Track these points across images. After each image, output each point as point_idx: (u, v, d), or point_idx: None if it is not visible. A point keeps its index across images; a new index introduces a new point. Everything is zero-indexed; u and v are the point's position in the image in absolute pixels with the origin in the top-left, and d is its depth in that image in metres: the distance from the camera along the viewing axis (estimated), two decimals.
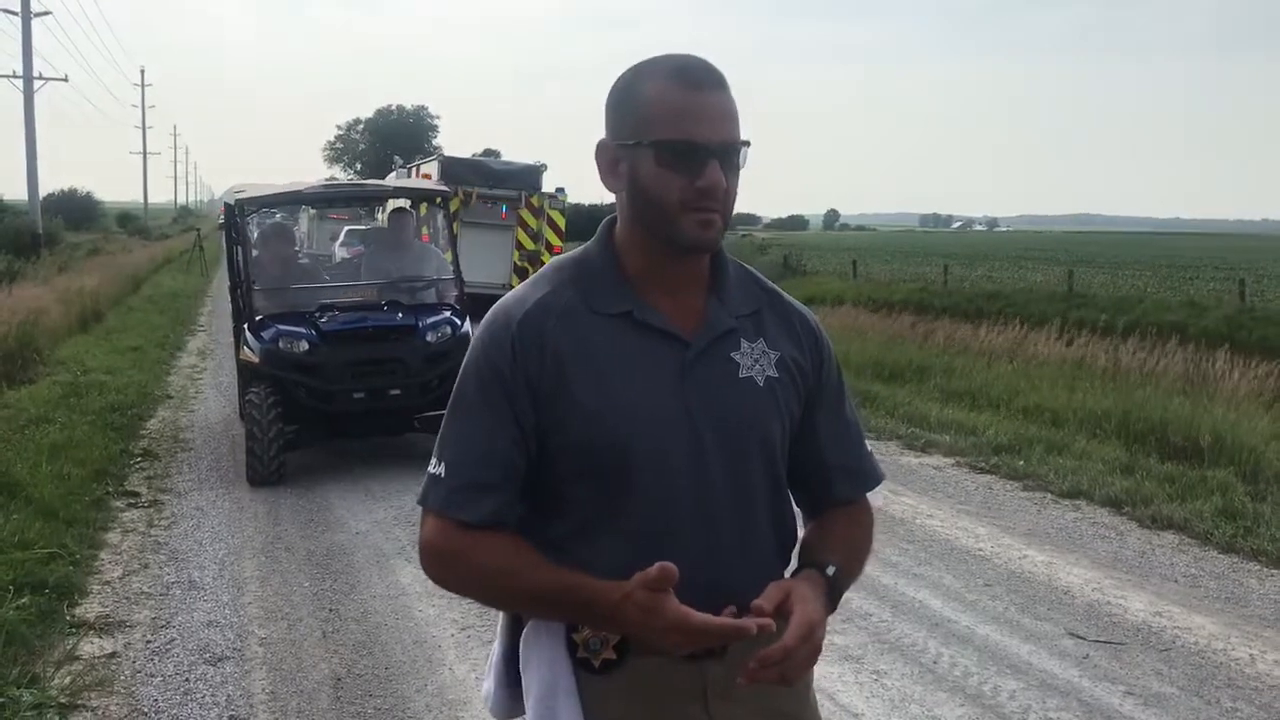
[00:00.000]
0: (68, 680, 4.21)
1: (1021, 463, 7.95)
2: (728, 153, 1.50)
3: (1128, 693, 4.13)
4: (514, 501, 1.56)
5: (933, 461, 8.31)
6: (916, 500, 7.05)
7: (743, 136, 1.53)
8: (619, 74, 1.57)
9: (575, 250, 1.66)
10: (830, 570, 1.58)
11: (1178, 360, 12.09)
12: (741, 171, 1.55)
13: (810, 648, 1.46)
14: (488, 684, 1.72)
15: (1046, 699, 4.07)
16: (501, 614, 1.70)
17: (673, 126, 1.48)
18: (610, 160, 1.57)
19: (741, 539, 1.59)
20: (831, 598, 1.57)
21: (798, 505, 1.73)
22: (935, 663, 4.42)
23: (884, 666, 4.37)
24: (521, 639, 1.61)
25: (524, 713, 1.63)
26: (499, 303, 1.62)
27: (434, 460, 1.57)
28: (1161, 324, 15.24)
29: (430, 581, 1.58)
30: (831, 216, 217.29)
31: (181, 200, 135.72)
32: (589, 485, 1.55)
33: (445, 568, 1.57)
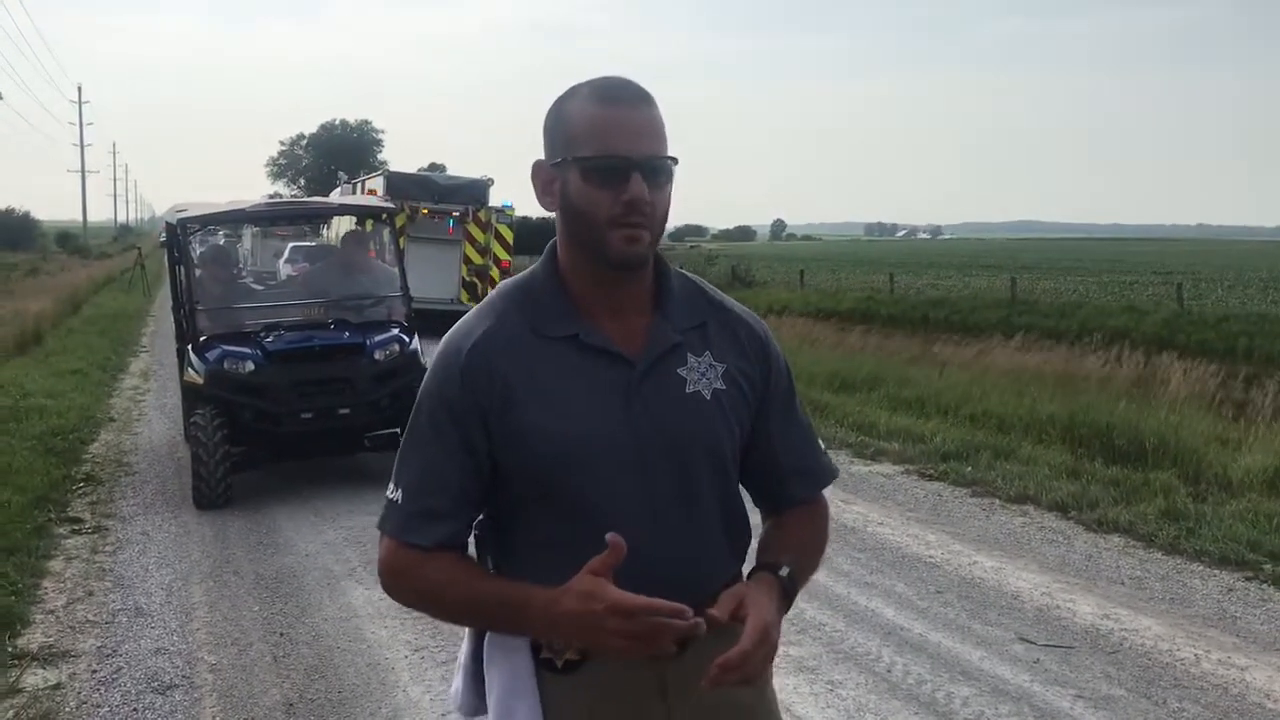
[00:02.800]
0: (10, 715, 4.11)
1: (970, 469, 8.04)
2: (652, 167, 1.53)
3: (1078, 696, 4.19)
4: (464, 525, 1.63)
5: (882, 469, 8.37)
6: (867, 508, 7.10)
7: (670, 153, 1.56)
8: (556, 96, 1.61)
9: (522, 274, 1.68)
10: (783, 571, 1.62)
11: (1121, 365, 12.30)
12: (670, 188, 1.58)
13: (766, 649, 1.51)
14: (456, 682, 1.76)
15: (999, 704, 4.11)
16: None
17: (595, 142, 1.51)
18: (545, 181, 1.61)
19: (697, 550, 1.62)
20: (786, 597, 1.61)
21: (756, 506, 1.78)
22: (889, 671, 4.45)
23: (839, 676, 4.39)
24: (486, 638, 1.66)
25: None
26: (450, 334, 1.65)
27: (391, 485, 1.64)
28: (1104, 329, 15.51)
29: (383, 603, 1.62)
30: (778, 226, 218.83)
31: (121, 219, 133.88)
32: (542, 505, 1.60)
33: (396, 587, 1.64)
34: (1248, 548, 5.93)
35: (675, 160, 1.57)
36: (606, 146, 1.51)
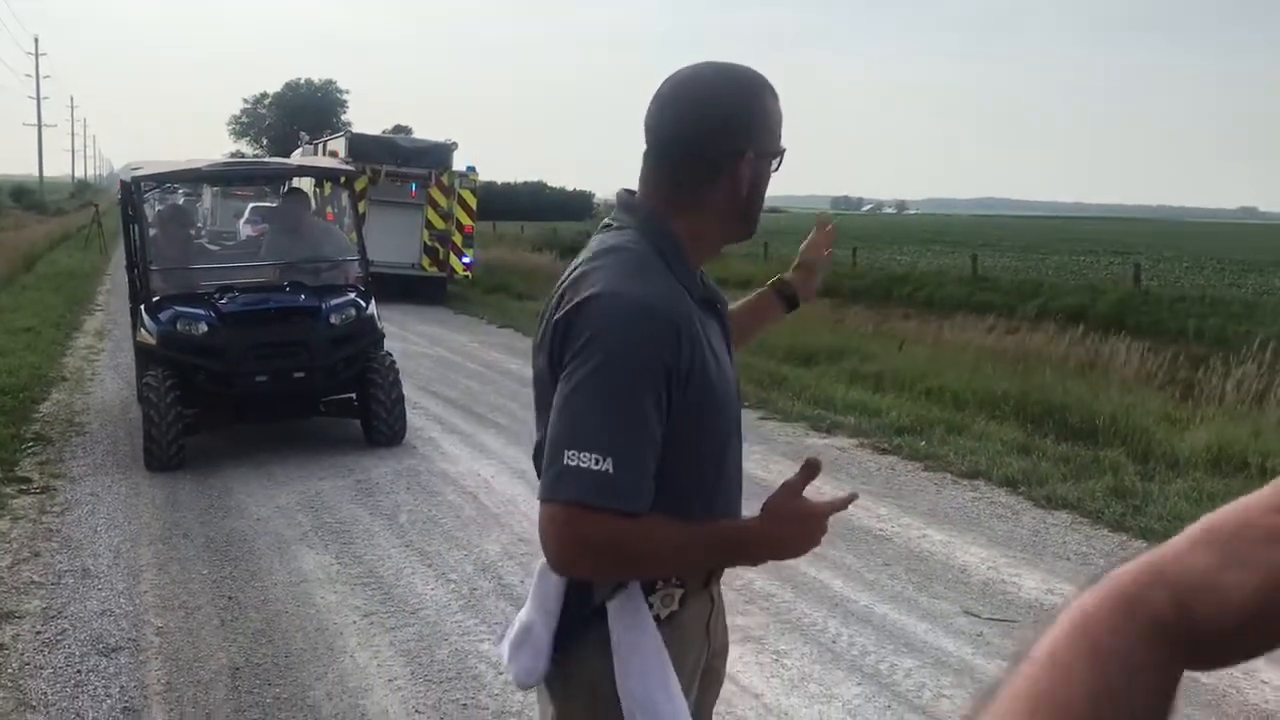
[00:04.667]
0: None
1: (923, 444, 8.11)
2: None
3: None
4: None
5: (837, 443, 8.43)
6: (820, 481, 7.04)
7: None
8: (731, 84, 1.72)
9: (630, 240, 1.70)
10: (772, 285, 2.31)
11: (1081, 343, 12.45)
12: None
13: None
14: (527, 656, 1.73)
15: (941, 677, 4.17)
16: (554, 593, 1.71)
17: (780, 137, 1.76)
18: (741, 167, 1.71)
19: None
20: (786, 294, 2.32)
21: None
22: (834, 642, 4.50)
23: (784, 647, 4.43)
24: (611, 607, 1.67)
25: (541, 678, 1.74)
26: (641, 296, 1.60)
27: (586, 453, 1.53)
28: (1062, 308, 15.66)
29: (334, 567, 1.60)
30: None
31: (79, 174, 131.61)
32: (685, 453, 1.65)
33: (619, 561, 1.62)
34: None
35: None
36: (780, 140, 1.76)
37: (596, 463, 1.52)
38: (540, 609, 1.72)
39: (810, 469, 1.67)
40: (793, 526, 1.67)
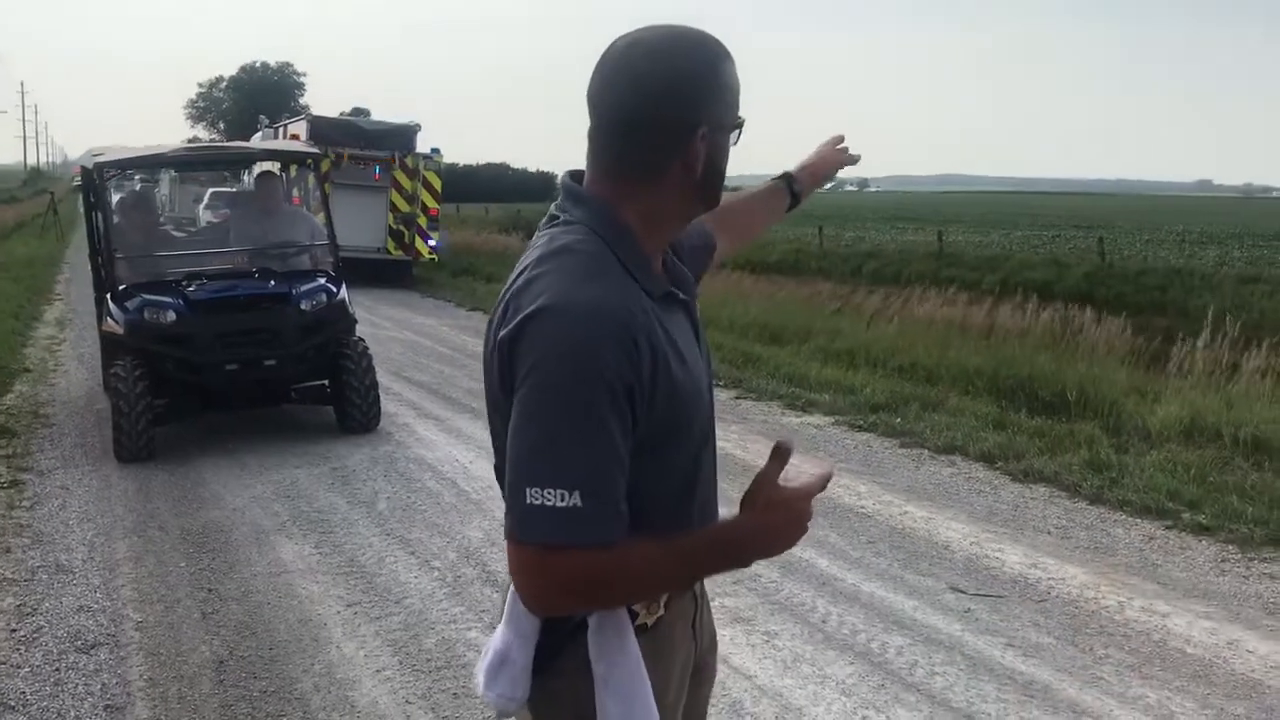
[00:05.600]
0: None
1: (899, 420, 8.13)
2: None
3: (1008, 644, 4.27)
4: None
5: (814, 421, 8.44)
6: (799, 460, 7.02)
7: None
8: (678, 50, 1.52)
9: (579, 238, 1.53)
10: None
11: (1049, 317, 12.52)
12: None
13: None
14: (505, 684, 1.61)
15: (932, 654, 4.17)
16: (527, 617, 1.59)
17: (737, 107, 1.59)
18: (695, 143, 1.53)
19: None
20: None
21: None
22: (824, 622, 4.49)
23: (775, 627, 4.42)
24: (593, 624, 1.55)
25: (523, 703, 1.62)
26: (592, 308, 1.44)
27: (550, 489, 1.40)
28: (1028, 282, 15.76)
29: (314, 557, 1.51)
30: None
31: (32, 162, 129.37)
32: (657, 461, 1.52)
33: (596, 596, 1.50)
34: (1167, 497, 6.08)
35: None
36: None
37: (562, 499, 1.39)
38: (516, 632, 1.61)
39: (781, 454, 1.52)
40: (776, 517, 1.51)
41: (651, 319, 1.49)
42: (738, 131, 1.58)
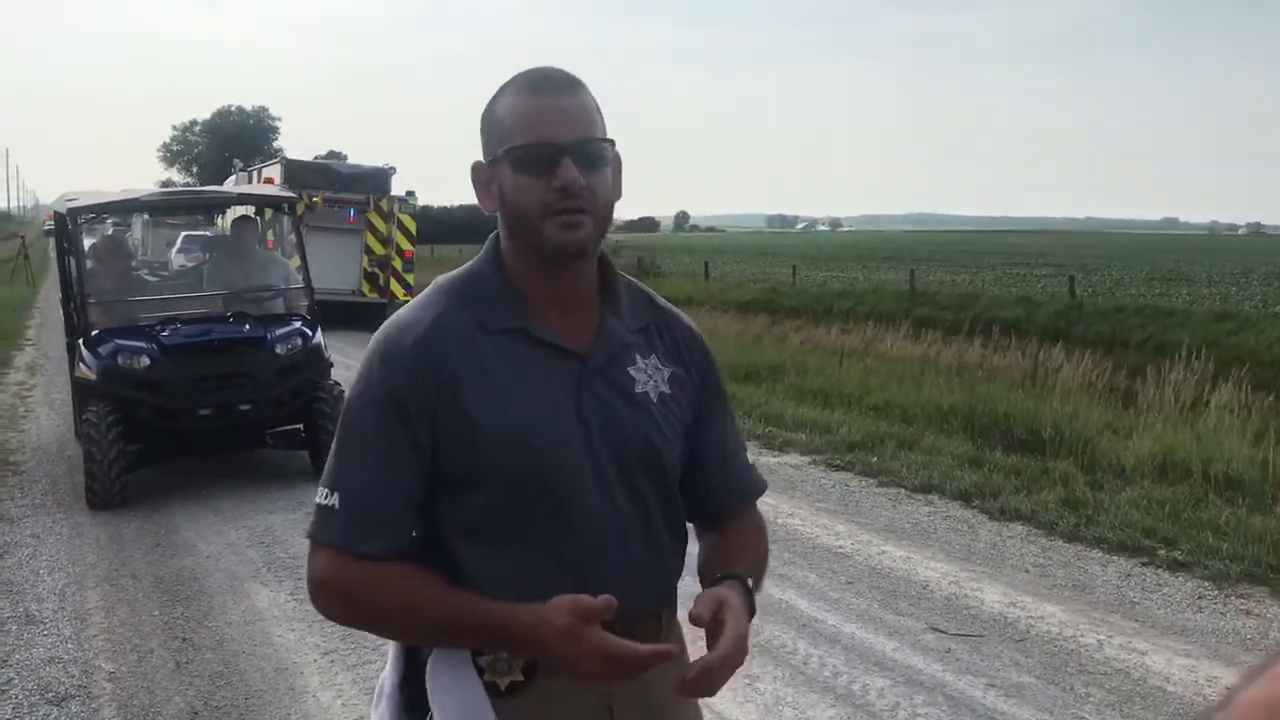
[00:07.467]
0: None
1: (875, 459, 8.15)
2: (584, 150, 1.48)
3: (989, 684, 4.26)
4: (411, 530, 1.53)
5: (790, 460, 8.45)
6: (777, 500, 7.14)
7: (607, 135, 1.53)
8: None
9: (459, 269, 1.61)
10: (749, 581, 1.59)
11: (1021, 356, 12.62)
12: (610, 172, 1.54)
13: (741, 656, 1.47)
14: (380, 712, 1.63)
15: (914, 695, 4.16)
16: (393, 643, 1.63)
17: (525, 132, 1.48)
18: (484, 180, 1.56)
19: (650, 553, 1.59)
20: (751, 607, 1.57)
21: (689, 518, 1.72)
22: (805, 664, 4.48)
23: (756, 670, 4.40)
24: (428, 666, 1.54)
25: None
26: (387, 327, 1.55)
27: (324, 491, 1.51)
28: (1000, 320, 15.89)
29: (289, 605, 1.50)
30: (682, 218, 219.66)
31: (2, 205, 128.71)
32: (494, 507, 1.51)
33: (346, 604, 1.52)
34: (1142, 534, 6.11)
35: (611, 142, 1.53)
36: (535, 135, 1.47)
37: (325, 497, 1.50)
38: (390, 663, 1.63)
39: (660, 655, 1.43)
40: (555, 639, 1.41)
41: (464, 347, 1.50)
42: (520, 157, 1.48)
